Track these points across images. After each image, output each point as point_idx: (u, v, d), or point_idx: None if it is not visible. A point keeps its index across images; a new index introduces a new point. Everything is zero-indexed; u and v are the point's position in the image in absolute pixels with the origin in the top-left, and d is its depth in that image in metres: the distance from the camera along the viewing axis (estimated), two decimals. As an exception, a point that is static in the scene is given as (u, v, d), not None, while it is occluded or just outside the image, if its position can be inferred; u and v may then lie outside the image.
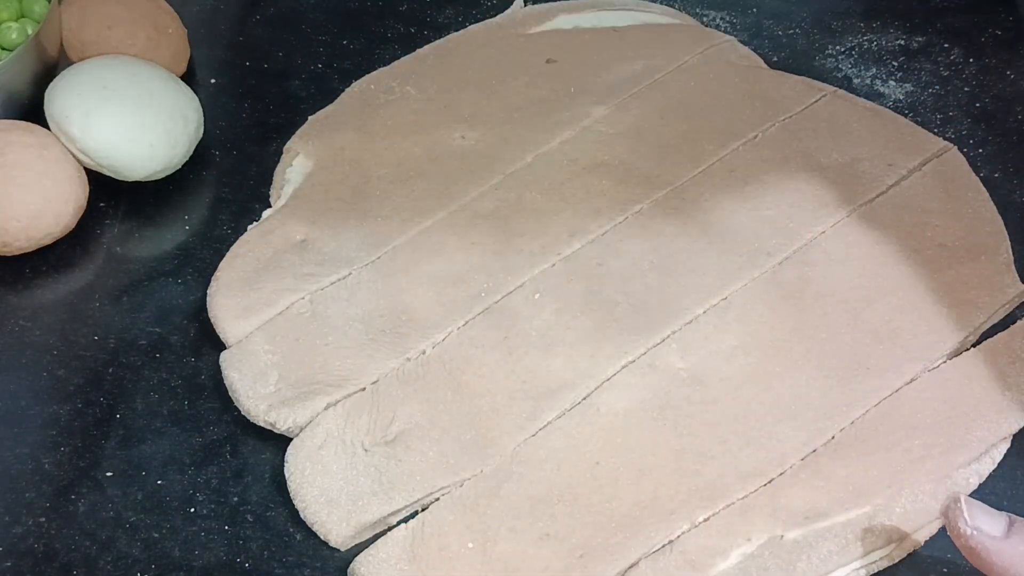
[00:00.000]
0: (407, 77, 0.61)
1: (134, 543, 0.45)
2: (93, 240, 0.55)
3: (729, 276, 0.50)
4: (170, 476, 0.47)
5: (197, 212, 0.57)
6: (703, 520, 0.43)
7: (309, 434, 0.46)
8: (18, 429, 0.48)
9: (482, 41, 0.63)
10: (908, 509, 0.43)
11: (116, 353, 0.51)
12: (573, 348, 0.48)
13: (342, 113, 0.59)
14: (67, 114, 0.53)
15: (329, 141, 0.57)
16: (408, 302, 0.50)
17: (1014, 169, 0.57)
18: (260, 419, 0.47)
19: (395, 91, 0.60)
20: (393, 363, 0.48)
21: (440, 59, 0.62)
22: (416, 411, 0.47)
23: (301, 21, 0.66)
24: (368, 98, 0.60)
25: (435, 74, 0.61)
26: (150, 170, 0.55)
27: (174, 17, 0.61)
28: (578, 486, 0.44)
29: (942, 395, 0.46)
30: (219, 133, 0.59)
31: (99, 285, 0.53)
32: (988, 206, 0.53)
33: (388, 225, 0.53)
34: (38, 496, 0.46)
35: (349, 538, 0.44)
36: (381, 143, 0.57)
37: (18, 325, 0.52)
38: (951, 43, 0.63)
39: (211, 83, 0.63)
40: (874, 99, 0.60)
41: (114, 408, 0.49)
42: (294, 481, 0.45)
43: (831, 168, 0.55)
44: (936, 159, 0.55)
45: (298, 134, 0.58)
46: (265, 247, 0.53)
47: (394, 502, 0.44)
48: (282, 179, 0.57)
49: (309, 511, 0.44)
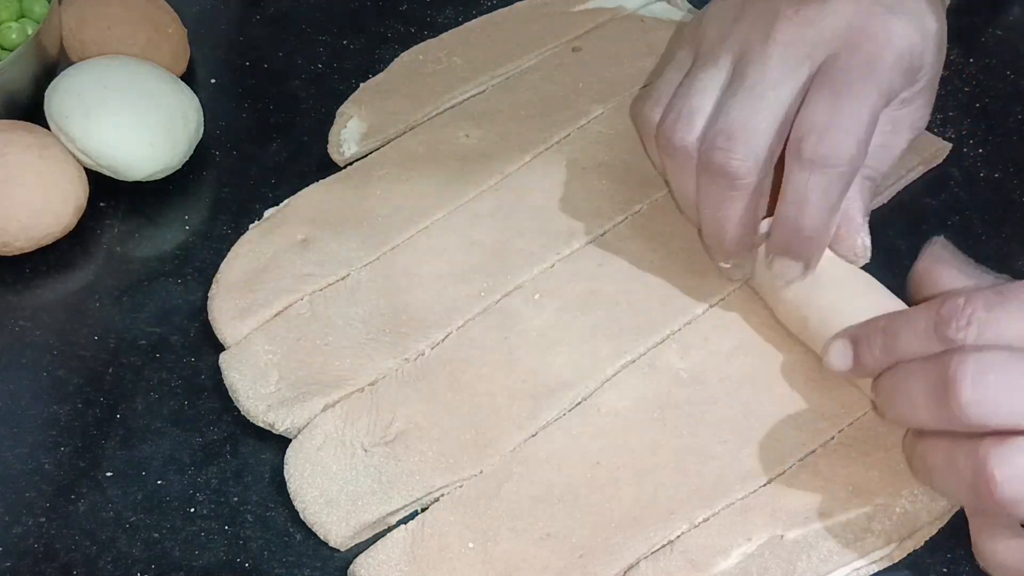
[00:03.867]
0: (455, 48, 0.62)
1: (134, 543, 0.45)
2: (93, 240, 0.55)
3: (729, 276, 0.50)
4: (170, 476, 0.47)
5: (197, 212, 0.57)
6: (703, 520, 0.43)
7: (308, 435, 0.46)
8: (18, 429, 0.48)
9: (527, 17, 0.64)
10: (908, 509, 0.43)
11: (116, 353, 0.51)
12: (573, 348, 0.48)
13: (392, 80, 0.61)
14: (67, 114, 0.53)
15: (380, 106, 0.59)
16: (408, 302, 0.50)
17: (1014, 169, 0.57)
18: (260, 419, 0.47)
19: (443, 61, 0.62)
20: (393, 363, 0.48)
21: (486, 33, 0.63)
22: (416, 411, 0.47)
23: (301, 21, 0.66)
24: (417, 67, 0.62)
25: (481, 47, 0.62)
26: (150, 170, 0.55)
27: (174, 17, 0.61)
28: (578, 486, 0.44)
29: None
30: (219, 133, 0.59)
31: (99, 285, 0.53)
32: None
33: (388, 225, 0.53)
34: (38, 496, 0.46)
35: (349, 538, 0.44)
36: (427, 107, 0.59)
37: (18, 325, 0.52)
38: (951, 43, 0.63)
39: (211, 83, 0.63)
40: (874, 99, 0.60)
41: (114, 408, 0.49)
42: (294, 482, 0.45)
43: (831, 168, 0.55)
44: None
45: (351, 99, 0.60)
46: (266, 247, 0.53)
47: (394, 502, 0.44)
48: (339, 139, 0.58)
49: (309, 511, 0.44)
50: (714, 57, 0.45)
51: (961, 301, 0.37)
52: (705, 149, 0.43)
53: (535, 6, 0.65)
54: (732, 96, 0.43)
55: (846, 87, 0.42)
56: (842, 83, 0.42)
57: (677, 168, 0.46)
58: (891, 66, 0.43)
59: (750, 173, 0.43)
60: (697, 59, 0.46)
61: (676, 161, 0.45)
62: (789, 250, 0.45)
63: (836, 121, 0.42)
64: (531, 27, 0.63)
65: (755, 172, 0.43)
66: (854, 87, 0.42)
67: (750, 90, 0.43)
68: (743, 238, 0.45)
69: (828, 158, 0.42)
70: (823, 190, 0.42)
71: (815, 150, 0.42)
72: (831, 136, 0.42)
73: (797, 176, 0.43)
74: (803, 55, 0.43)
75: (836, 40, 0.43)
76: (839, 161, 0.42)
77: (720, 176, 0.43)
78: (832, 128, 0.42)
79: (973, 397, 0.35)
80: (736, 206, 0.44)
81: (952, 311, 0.37)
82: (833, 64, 0.43)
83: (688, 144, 0.44)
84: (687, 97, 0.45)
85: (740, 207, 0.44)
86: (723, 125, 0.43)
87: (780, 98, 0.43)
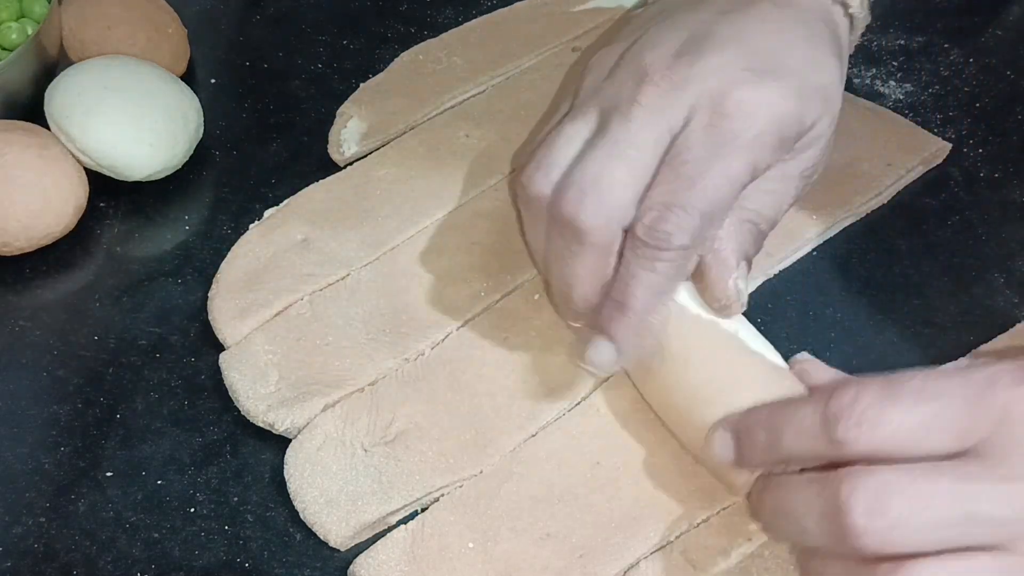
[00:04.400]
0: (455, 48, 0.62)
1: (134, 543, 0.45)
2: (93, 240, 0.55)
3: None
4: (170, 476, 0.47)
5: (197, 212, 0.57)
6: (703, 520, 0.43)
7: (308, 435, 0.46)
8: (18, 429, 0.48)
9: (527, 17, 0.64)
10: (908, 509, 0.43)
11: (116, 353, 0.51)
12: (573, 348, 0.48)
13: (392, 80, 0.61)
14: (67, 114, 0.53)
15: (380, 106, 0.59)
16: (408, 302, 0.50)
17: (1014, 169, 0.57)
18: (260, 419, 0.47)
19: (443, 61, 0.62)
20: (393, 363, 0.48)
21: (486, 33, 0.63)
22: (416, 411, 0.47)
23: (301, 21, 0.66)
24: (417, 67, 0.62)
25: (481, 47, 0.62)
26: (150, 170, 0.55)
27: (174, 17, 0.61)
28: (578, 486, 0.44)
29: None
30: (219, 133, 0.59)
31: (99, 285, 0.53)
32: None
33: (388, 225, 0.53)
34: (38, 496, 0.46)
35: (348, 538, 0.44)
36: (426, 107, 0.59)
37: (18, 325, 0.52)
38: (951, 43, 0.63)
39: (211, 83, 0.63)
40: (874, 99, 0.60)
41: (114, 408, 0.49)
42: (294, 482, 0.45)
43: (831, 168, 0.54)
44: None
45: (351, 99, 0.60)
46: (266, 247, 0.53)
47: (393, 502, 0.44)
48: (339, 139, 0.58)
49: (309, 511, 0.44)
50: (583, 110, 0.44)
51: (851, 395, 0.35)
52: (556, 201, 0.42)
53: (535, 6, 0.65)
54: (592, 150, 0.42)
55: (692, 170, 0.41)
56: (689, 165, 0.41)
57: (531, 218, 0.45)
58: (751, 142, 0.41)
59: (598, 229, 0.41)
60: (569, 110, 0.45)
61: (530, 211, 0.44)
62: (607, 328, 0.42)
63: (675, 205, 0.40)
64: (531, 27, 0.63)
65: (604, 229, 0.41)
66: (700, 170, 0.41)
67: (609, 146, 0.42)
68: (590, 299, 0.43)
69: (660, 242, 0.40)
70: (650, 272, 0.41)
71: (648, 232, 0.40)
72: (666, 220, 0.40)
73: (627, 254, 0.41)
74: (666, 118, 0.41)
75: (699, 108, 0.41)
76: (670, 246, 0.40)
77: (568, 230, 0.42)
78: (669, 212, 0.40)
79: (868, 527, 0.33)
80: (583, 263, 0.42)
81: (840, 408, 0.35)
82: (687, 138, 0.41)
83: (542, 195, 0.43)
84: (548, 148, 0.44)
85: (587, 264, 0.42)
86: (577, 178, 0.42)
87: (639, 159, 0.41)
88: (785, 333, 0.50)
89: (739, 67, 0.42)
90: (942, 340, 0.50)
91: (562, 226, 0.42)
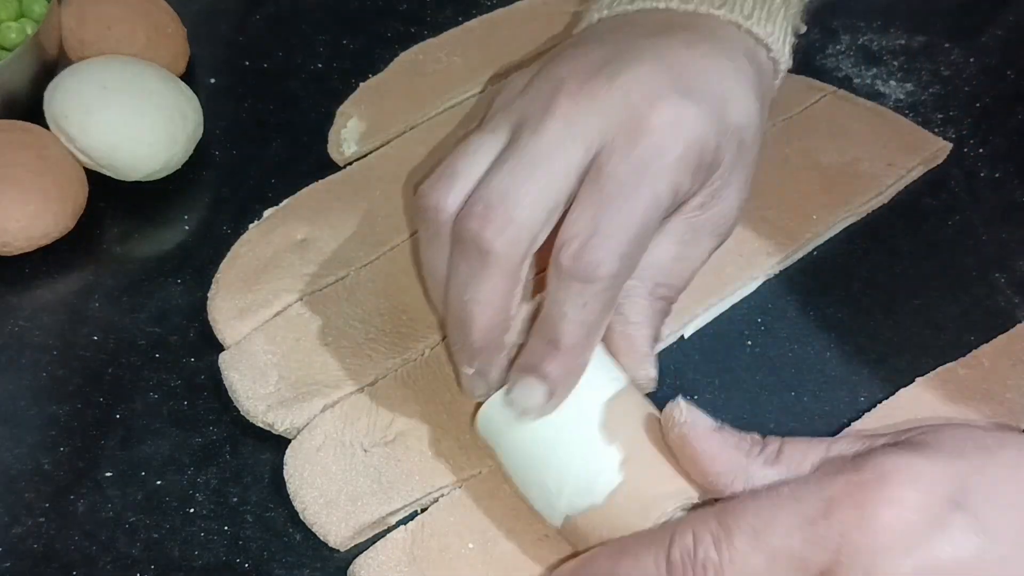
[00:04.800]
0: (455, 48, 0.62)
1: (134, 543, 0.45)
2: (93, 240, 0.55)
3: (728, 276, 0.50)
4: (170, 476, 0.47)
5: (197, 212, 0.56)
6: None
7: (308, 435, 0.46)
8: (17, 429, 0.48)
9: (527, 17, 0.64)
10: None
11: (116, 353, 0.51)
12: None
13: (392, 80, 0.61)
14: (67, 114, 0.53)
15: (380, 106, 0.59)
16: (408, 302, 0.50)
17: (1014, 169, 0.57)
18: (259, 419, 0.47)
19: (443, 61, 0.61)
20: (393, 363, 0.48)
21: (486, 33, 0.63)
22: (415, 411, 0.47)
23: (301, 21, 0.66)
24: (416, 67, 0.61)
25: (481, 47, 0.62)
26: (150, 170, 0.55)
27: (174, 17, 0.61)
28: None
29: (943, 397, 0.46)
30: (219, 133, 0.59)
31: (99, 285, 0.53)
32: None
33: (388, 225, 0.53)
34: (38, 496, 0.46)
35: (348, 539, 0.44)
36: (426, 107, 0.59)
37: (18, 325, 0.52)
38: (951, 43, 0.63)
39: (211, 83, 0.63)
40: (874, 99, 0.60)
41: (113, 408, 0.49)
42: (293, 482, 0.45)
43: (831, 168, 0.55)
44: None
45: (351, 99, 0.60)
46: (266, 246, 0.53)
47: (393, 502, 0.44)
48: (339, 139, 0.58)
49: (308, 512, 0.44)
50: (493, 124, 0.41)
51: (689, 542, 0.35)
52: (461, 217, 0.39)
53: (535, 6, 0.65)
54: (501, 164, 0.39)
55: (616, 190, 0.38)
56: (612, 185, 0.38)
57: (429, 235, 0.41)
58: (673, 165, 0.38)
59: (505, 249, 0.38)
60: (478, 124, 0.42)
61: (428, 227, 0.41)
62: (537, 368, 0.39)
63: (600, 230, 0.37)
64: (531, 27, 0.63)
65: (512, 249, 0.38)
66: (624, 191, 0.38)
67: (520, 160, 0.39)
68: (492, 331, 0.40)
69: (587, 271, 0.37)
70: (582, 306, 0.38)
71: (574, 261, 0.37)
72: (592, 247, 0.37)
73: (555, 286, 0.38)
74: (581, 134, 0.38)
75: (616, 126, 0.38)
76: (599, 276, 0.37)
77: (473, 248, 0.38)
78: (595, 238, 0.37)
79: None
80: (487, 287, 0.39)
81: (682, 561, 0.35)
82: (607, 159, 0.38)
83: (443, 208, 0.40)
84: (452, 160, 0.41)
85: (492, 290, 0.39)
86: (484, 192, 0.39)
87: (552, 175, 0.38)
88: (785, 333, 0.50)
89: (662, 83, 0.39)
90: (942, 340, 0.50)
91: (465, 245, 0.39)
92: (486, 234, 0.38)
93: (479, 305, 0.39)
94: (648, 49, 0.40)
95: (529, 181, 0.38)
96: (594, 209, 0.38)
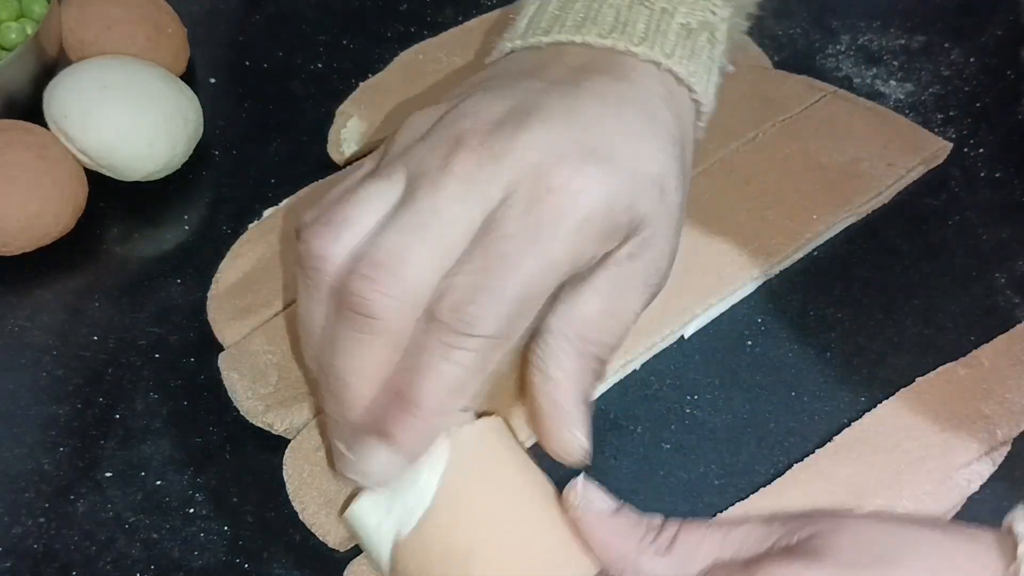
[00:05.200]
0: (454, 48, 0.62)
1: (134, 543, 0.45)
2: (93, 240, 0.55)
3: (728, 276, 0.50)
4: (169, 476, 0.47)
5: (197, 212, 0.56)
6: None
7: (308, 435, 0.46)
8: (17, 429, 0.48)
9: None
10: (908, 510, 0.43)
11: (116, 353, 0.51)
12: None
13: (392, 80, 0.61)
14: (67, 114, 0.53)
15: (380, 106, 0.59)
16: (408, 302, 0.50)
17: (1014, 169, 0.57)
18: (259, 419, 0.47)
19: (443, 61, 0.61)
20: (393, 363, 0.48)
21: (487, 33, 0.63)
22: (416, 411, 0.46)
23: (301, 21, 0.66)
24: (416, 67, 0.61)
25: (481, 47, 0.62)
26: (150, 170, 0.55)
27: (174, 17, 0.61)
28: (578, 486, 0.44)
29: (942, 397, 0.46)
30: (219, 133, 0.59)
31: (99, 285, 0.53)
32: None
33: (388, 225, 0.53)
34: (37, 496, 0.46)
35: (348, 539, 0.44)
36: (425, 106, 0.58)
37: (18, 325, 0.52)
38: (951, 43, 0.63)
39: (211, 83, 0.63)
40: (874, 99, 0.60)
41: (113, 408, 0.49)
42: (293, 482, 0.45)
43: (831, 168, 0.55)
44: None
45: (350, 99, 0.60)
46: (266, 247, 0.53)
47: (393, 502, 0.44)
48: (339, 138, 0.58)
49: (308, 512, 0.44)
50: (388, 170, 0.38)
51: None
52: (345, 274, 0.36)
53: (536, 5, 0.65)
54: (394, 221, 0.36)
55: (508, 249, 0.35)
56: (505, 244, 0.35)
57: (309, 288, 0.38)
58: (572, 230, 0.36)
59: (391, 314, 0.35)
60: (375, 168, 0.39)
61: (309, 279, 0.38)
62: (383, 428, 0.36)
63: (486, 286, 0.35)
64: None
65: (397, 315, 0.36)
66: (517, 251, 0.35)
67: (413, 218, 0.36)
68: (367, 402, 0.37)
69: (464, 325, 0.35)
70: (449, 361, 0.35)
71: (451, 312, 0.35)
72: (475, 301, 0.35)
73: (421, 338, 0.36)
74: (480, 192, 0.36)
75: (519, 184, 0.36)
76: (475, 332, 0.35)
77: (354, 312, 0.36)
78: (480, 293, 0.35)
79: None
80: (367, 354, 0.36)
81: None
82: (502, 217, 0.36)
83: (327, 258, 0.37)
84: (342, 205, 0.37)
85: (372, 357, 0.36)
86: (372, 249, 0.36)
87: (446, 236, 0.36)
88: (785, 333, 0.50)
89: (567, 142, 0.37)
90: (942, 340, 0.50)
91: (347, 306, 0.36)
92: (371, 297, 0.35)
93: (356, 374, 0.36)
94: (555, 102, 0.38)
95: (421, 242, 0.36)
96: (482, 263, 0.35)
